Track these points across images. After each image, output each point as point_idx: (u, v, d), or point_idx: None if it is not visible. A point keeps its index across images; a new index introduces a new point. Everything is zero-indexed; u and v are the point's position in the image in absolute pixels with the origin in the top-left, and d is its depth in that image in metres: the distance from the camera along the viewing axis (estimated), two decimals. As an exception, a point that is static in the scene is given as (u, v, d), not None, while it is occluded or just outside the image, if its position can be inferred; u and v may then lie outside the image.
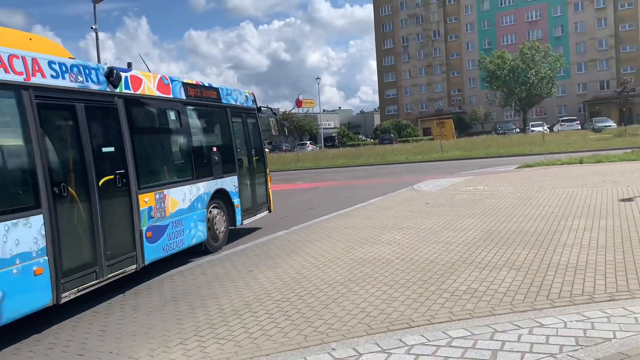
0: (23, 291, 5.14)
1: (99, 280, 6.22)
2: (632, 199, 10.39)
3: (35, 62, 5.61)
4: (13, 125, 5.48)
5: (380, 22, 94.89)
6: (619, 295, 4.90)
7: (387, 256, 7.22)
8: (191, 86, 8.76)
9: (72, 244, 5.85)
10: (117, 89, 6.90)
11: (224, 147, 9.66)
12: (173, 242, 7.73)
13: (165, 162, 8.20)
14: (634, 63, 72.93)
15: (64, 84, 5.99)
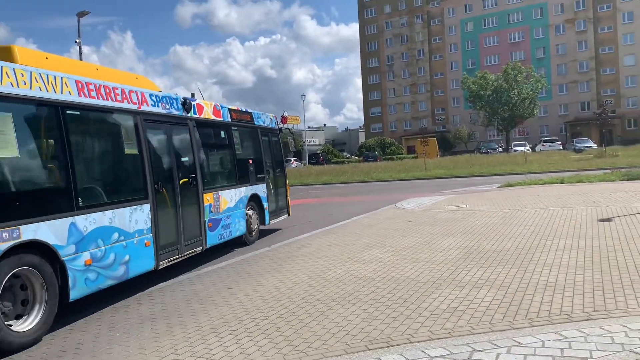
0: (139, 257, 7.25)
1: (179, 256, 8.32)
2: (611, 219, 10.53)
3: (142, 95, 7.86)
4: (131, 140, 7.55)
5: (366, 41, 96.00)
6: (596, 314, 4.93)
7: (368, 274, 7.21)
8: (234, 111, 11.03)
9: (165, 226, 7.92)
10: (189, 113, 9.11)
11: (257, 160, 11.84)
12: (224, 233, 9.87)
13: (219, 170, 10.52)
14: (614, 85, 74.59)
15: (159, 111, 8.22)
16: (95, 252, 6.48)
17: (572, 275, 6.41)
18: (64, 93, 6.31)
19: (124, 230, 7.02)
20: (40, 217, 5.67)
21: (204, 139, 9.60)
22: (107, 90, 7.11)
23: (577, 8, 77.06)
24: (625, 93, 73.86)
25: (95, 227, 6.50)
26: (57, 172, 6.25)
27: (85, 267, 6.25)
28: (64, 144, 6.21)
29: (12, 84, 5.56)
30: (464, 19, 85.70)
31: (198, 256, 9.59)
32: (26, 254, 5.45)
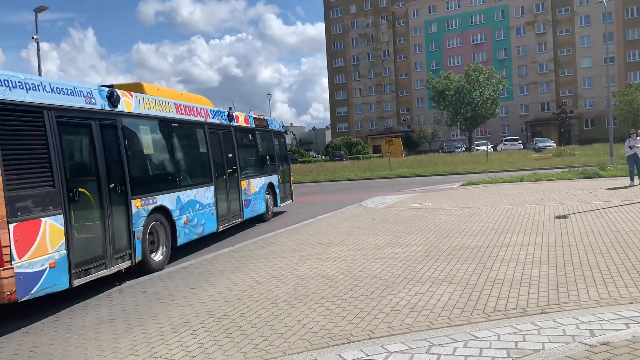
0: (209, 222, 10.53)
1: (229, 224, 11.68)
2: (567, 216, 10.87)
3: (206, 111, 11.34)
4: (202, 142, 11.00)
5: (332, 41, 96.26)
6: (549, 308, 5.09)
7: (331, 272, 7.26)
8: (257, 119, 14.52)
9: (222, 203, 11.27)
10: (231, 122, 12.61)
11: (271, 156, 15.24)
12: (253, 210, 13.29)
13: (250, 163, 13.73)
14: (572, 86, 76.87)
15: (215, 121, 11.63)
16: (189, 216, 9.83)
17: (529, 270, 6.60)
18: (170, 112, 9.78)
19: (202, 203, 10.39)
20: (163, 192, 9.04)
21: (240, 141, 13.09)
22: (189, 109, 10.62)
23: (537, 11, 79.07)
24: (583, 94, 76.23)
25: (188, 200, 9.84)
26: (170, 163, 9.83)
27: (184, 225, 9.59)
28: (172, 144, 9.80)
29: (145, 108, 8.92)
30: (428, 20, 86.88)
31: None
32: (156, 213, 8.74)
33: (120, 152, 8.00)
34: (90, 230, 7.23)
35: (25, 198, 6.06)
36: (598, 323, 4.53)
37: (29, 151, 6.31)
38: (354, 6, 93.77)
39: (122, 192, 7.89)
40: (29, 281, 5.92)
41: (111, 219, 7.50)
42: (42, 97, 6.55)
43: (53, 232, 6.35)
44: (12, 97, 6.05)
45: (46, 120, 6.54)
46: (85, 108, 7.38)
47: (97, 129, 7.54)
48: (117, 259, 7.61)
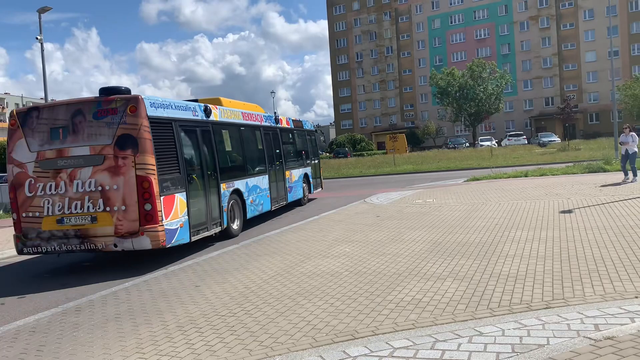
0: (265, 203, 13.65)
1: (278, 205, 14.67)
2: (571, 210, 10.84)
3: (261, 117, 14.34)
4: (259, 141, 13.96)
5: (335, 38, 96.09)
6: (554, 303, 5.09)
7: (336, 269, 7.27)
8: (294, 120, 17.80)
9: (273, 188, 14.23)
10: (277, 124, 15.68)
11: (306, 152, 18.25)
12: (294, 195, 16.19)
13: (291, 157, 16.62)
14: (576, 81, 76.49)
15: (266, 124, 14.66)
16: (253, 197, 12.88)
17: (533, 265, 6.59)
18: (239, 119, 12.92)
19: (261, 187, 13.47)
20: (238, 178, 12.08)
21: (283, 139, 16.03)
22: (250, 116, 13.78)
23: (540, 5, 78.67)
24: (587, 88, 75.85)
25: (252, 185, 12.90)
26: (241, 157, 12.86)
27: (250, 204, 12.64)
28: (241, 143, 12.88)
29: (225, 117, 11.99)
30: (431, 16, 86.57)
31: (167, 253, 9.54)
32: (234, 194, 11.68)
33: (212, 150, 10.97)
34: (199, 204, 10.10)
35: (166, 180, 8.92)
36: (603, 317, 4.53)
37: (167, 149, 9.15)
38: (356, 3, 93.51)
39: (215, 178, 10.91)
40: (170, 234, 8.84)
41: (210, 197, 10.57)
42: (171, 113, 9.51)
43: (181, 204, 9.32)
44: (158, 114, 9.02)
45: (174, 129, 9.45)
46: (193, 119, 10.38)
47: (199, 133, 10.51)
48: (213, 225, 10.60)
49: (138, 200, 8.52)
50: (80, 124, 8.79)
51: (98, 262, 10.24)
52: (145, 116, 8.65)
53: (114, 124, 8.63)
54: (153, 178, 8.56)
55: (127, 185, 8.54)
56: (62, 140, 8.86)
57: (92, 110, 8.76)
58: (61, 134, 8.88)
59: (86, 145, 8.73)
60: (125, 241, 8.57)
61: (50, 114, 9.01)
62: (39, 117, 9.04)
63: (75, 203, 8.73)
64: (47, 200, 8.86)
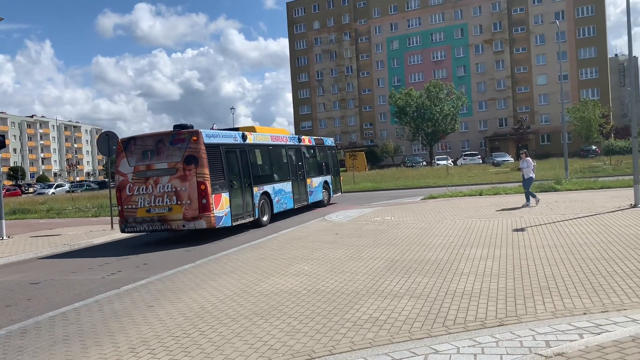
0: (289, 202, 18.29)
1: (300, 204, 19.01)
2: (524, 228, 11.14)
3: (285, 138, 19.34)
4: (284, 156, 18.86)
5: (296, 56, 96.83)
6: (507, 320, 5.19)
7: (294, 288, 7.22)
8: (316, 139, 22.30)
9: (295, 191, 18.79)
10: (300, 143, 20.29)
11: (326, 163, 22.53)
12: (314, 198, 20.32)
13: (312, 167, 20.75)
14: (528, 103, 79.33)
15: (291, 143, 19.50)
16: (279, 197, 17.17)
17: (487, 283, 6.72)
18: (268, 141, 17.59)
19: (285, 191, 17.81)
20: (266, 184, 16.51)
21: (305, 154, 20.59)
22: (277, 138, 18.38)
23: (494, 29, 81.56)
24: (539, 110, 78.75)
25: (278, 189, 17.18)
26: (269, 169, 17.30)
27: (277, 203, 16.93)
28: (269, 158, 17.57)
29: (262, 141, 17.24)
30: (390, 37, 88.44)
31: (119, 271, 9.27)
32: (264, 195, 16.15)
33: (247, 163, 15.65)
34: (238, 201, 14.69)
35: (215, 184, 13.48)
36: (553, 334, 4.64)
37: (216, 164, 13.79)
38: (317, 22, 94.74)
39: (250, 184, 15.44)
40: (218, 220, 13.43)
41: (245, 196, 15.18)
42: (219, 140, 14.31)
43: (225, 200, 13.88)
44: (210, 141, 13.70)
45: (221, 150, 14.15)
46: (234, 143, 15.24)
47: (238, 152, 15.27)
48: (247, 216, 15.18)
49: (198, 197, 13.15)
50: (161, 148, 13.66)
51: (43, 286, 9.85)
52: (202, 143, 13.38)
53: (182, 148, 13.41)
54: (207, 183, 13.24)
55: (191, 187, 13.23)
56: (150, 158, 13.72)
57: (169, 139, 13.64)
58: (149, 155, 13.74)
59: (165, 162, 13.53)
60: (189, 223, 13.27)
61: (142, 142, 14.00)
62: (134, 144, 13.98)
63: (158, 199, 13.46)
64: (140, 198, 13.65)
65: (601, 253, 8.02)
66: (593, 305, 5.45)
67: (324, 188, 21.73)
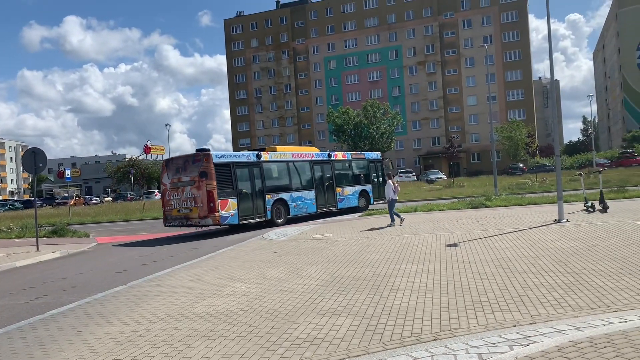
0: (311, 207, 22.36)
1: (326, 209, 23.11)
2: (457, 244, 11.48)
3: (312, 154, 23.43)
4: (308, 169, 22.55)
5: (234, 73, 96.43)
6: (442, 334, 5.30)
7: (231, 308, 7.07)
8: (354, 153, 25.90)
9: (319, 198, 22.67)
10: (331, 158, 23.94)
11: (367, 174, 25.65)
12: (346, 204, 24.08)
13: (344, 178, 24.36)
14: (460, 122, 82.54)
15: (318, 159, 23.35)
16: (297, 203, 21.31)
17: (423, 298, 6.85)
18: (287, 158, 21.83)
19: (307, 198, 21.87)
20: (282, 192, 20.73)
21: (336, 167, 23.95)
22: (300, 155, 22.82)
23: (427, 52, 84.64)
24: (469, 130, 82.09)
25: (297, 196, 21.37)
26: (286, 180, 21.33)
27: (294, 207, 21.12)
28: (289, 172, 21.47)
29: (279, 158, 21.44)
30: (327, 57, 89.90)
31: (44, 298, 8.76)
32: (279, 201, 20.36)
33: (261, 176, 19.70)
34: (246, 205, 18.86)
35: (222, 192, 17.97)
36: (486, 347, 4.77)
37: (225, 177, 18.23)
38: (255, 40, 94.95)
39: (262, 192, 19.59)
40: (223, 219, 18.00)
41: (256, 202, 19.29)
42: (229, 159, 18.82)
43: (232, 204, 18.29)
44: (220, 161, 18.25)
45: (231, 168, 18.59)
46: (245, 161, 19.43)
47: (250, 168, 19.42)
48: (258, 217, 19.31)
49: (207, 202, 17.65)
50: (187, 165, 18.52)
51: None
52: (212, 162, 17.91)
53: (199, 166, 18.03)
54: (214, 191, 17.71)
55: (203, 194, 17.78)
56: (180, 173, 18.65)
57: (192, 159, 18.51)
58: (179, 170, 18.70)
59: (188, 176, 18.28)
60: (202, 220, 17.99)
61: (175, 161, 19.32)
62: (172, 162, 19.38)
63: (184, 202, 18.29)
64: (174, 201, 18.63)
65: (529, 266, 8.38)
66: (522, 318, 5.66)
67: (362, 196, 24.96)
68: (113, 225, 29.17)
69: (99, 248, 17.69)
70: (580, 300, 6.19)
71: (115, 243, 18.92)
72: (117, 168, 76.81)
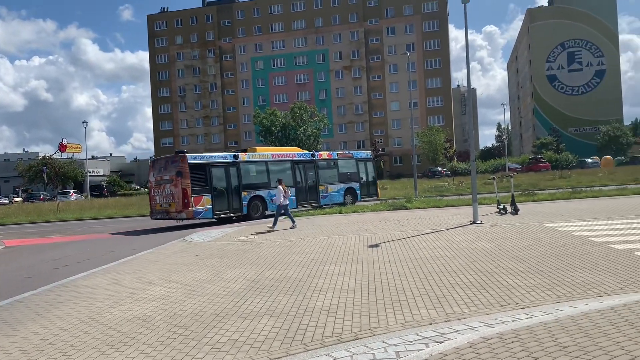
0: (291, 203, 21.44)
1: (308, 204, 24.67)
2: (378, 245, 11.76)
3: (294, 154, 25.26)
4: (288, 169, 24.19)
5: (156, 70, 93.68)
6: (362, 334, 5.40)
7: (149, 313, 6.85)
8: (340, 153, 27.41)
9: (300, 195, 24.25)
10: (314, 157, 25.71)
11: (354, 173, 26.87)
12: (329, 200, 25.52)
13: (328, 176, 25.89)
14: (383, 127, 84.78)
15: (299, 159, 25.09)
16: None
17: (344, 298, 6.95)
18: (267, 158, 23.62)
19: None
20: (259, 189, 22.58)
21: (320, 166, 25.48)
22: (280, 154, 24.94)
23: (352, 57, 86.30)
24: (392, 134, 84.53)
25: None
26: (264, 178, 23.00)
27: (271, 203, 21.18)
28: (267, 171, 23.18)
29: (257, 158, 23.28)
30: (255, 57, 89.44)
31: None
32: (256, 198, 22.34)
33: (238, 175, 21.73)
34: (221, 200, 21.02)
35: (197, 189, 20.13)
36: (403, 345, 4.91)
37: (199, 176, 20.46)
38: (180, 37, 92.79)
39: (238, 189, 21.63)
40: (197, 213, 20.13)
41: (232, 198, 21.41)
42: (204, 160, 21.16)
43: (207, 200, 20.44)
44: (194, 161, 20.46)
45: (206, 167, 20.82)
46: (222, 161, 21.63)
47: (228, 168, 21.59)
48: (234, 211, 21.55)
49: (182, 198, 19.59)
50: (167, 166, 20.82)
51: None
52: (186, 162, 19.95)
53: (176, 166, 20.17)
54: (188, 188, 19.67)
55: (179, 191, 19.77)
56: (162, 172, 20.95)
57: (171, 160, 20.78)
58: (161, 170, 21.07)
59: (168, 175, 20.51)
60: (178, 214, 19.95)
61: (159, 162, 21.88)
62: (156, 163, 22.00)
63: (164, 198, 20.45)
64: (157, 197, 20.96)
65: (445, 266, 8.73)
66: (438, 316, 5.89)
67: (349, 193, 26.13)
68: (23, 227, 27.43)
69: (7, 251, 16.56)
70: (491, 298, 6.52)
71: (25, 246, 17.78)
72: (28, 167, 72.23)
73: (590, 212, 16.03)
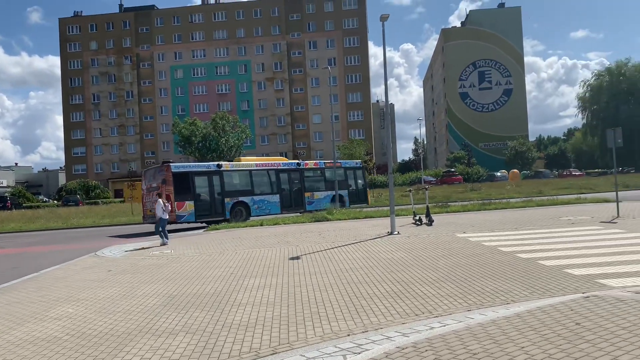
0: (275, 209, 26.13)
1: (293, 210, 26.73)
2: (299, 257, 11.77)
3: (279, 164, 27.57)
4: (272, 177, 26.43)
5: (68, 76, 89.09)
6: (280, 348, 5.36)
7: (54, 333, 6.42)
8: (327, 162, 29.30)
9: (284, 201, 26.49)
10: (300, 166, 27.96)
11: (343, 180, 28.76)
12: (316, 206, 26.65)
13: (315, 184, 28.23)
14: (306, 139, 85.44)
15: (284, 167, 27.34)
16: (259, 205, 25.30)
17: (263, 312, 6.88)
18: (250, 167, 25.85)
19: (270, 201, 25.71)
20: (243, 196, 24.94)
21: (307, 175, 27.86)
22: (265, 163, 26.99)
23: (275, 69, 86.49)
24: (315, 146, 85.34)
25: (259, 199, 25.33)
26: (248, 185, 25.38)
27: (255, 209, 25.09)
28: (250, 179, 25.53)
29: (241, 167, 25.78)
30: (174, 65, 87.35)
31: None
32: (239, 204, 24.73)
33: (221, 183, 24.19)
34: (204, 206, 23.54)
35: (180, 196, 22.61)
36: (321, 358, 4.92)
37: (183, 184, 22.91)
38: (94, 42, 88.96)
39: (221, 195, 24.07)
40: (180, 217, 22.50)
41: (214, 204, 23.88)
42: (188, 169, 23.96)
43: (189, 205, 22.91)
44: (178, 170, 23.13)
45: (190, 175, 23.46)
46: (205, 170, 24.34)
47: (211, 176, 24.07)
48: (216, 215, 23.67)
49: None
50: (155, 174, 23.44)
51: None
52: (170, 172, 22.46)
53: (162, 175, 22.68)
54: (171, 195, 21.75)
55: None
56: (151, 180, 23.47)
57: (158, 170, 23.39)
58: (151, 178, 23.68)
59: (155, 183, 22.83)
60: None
61: (149, 172, 24.53)
62: (147, 172, 24.63)
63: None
64: (148, 202, 22.81)
65: (364, 277, 8.88)
66: (356, 327, 5.96)
67: (334, 200, 27.26)
68: None
69: None
70: (407, 307, 6.70)
71: None
72: None
73: (499, 223, 16.96)
